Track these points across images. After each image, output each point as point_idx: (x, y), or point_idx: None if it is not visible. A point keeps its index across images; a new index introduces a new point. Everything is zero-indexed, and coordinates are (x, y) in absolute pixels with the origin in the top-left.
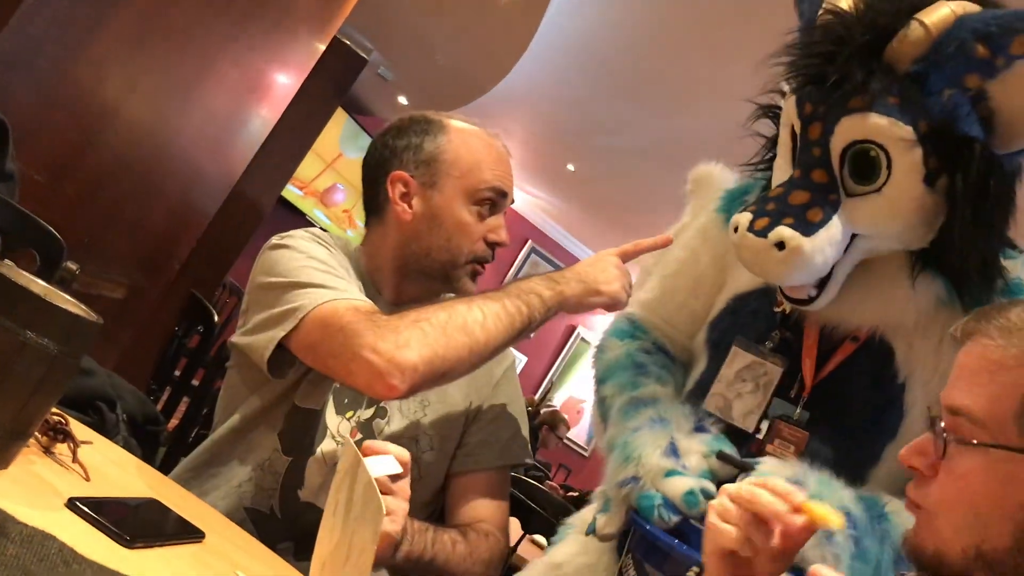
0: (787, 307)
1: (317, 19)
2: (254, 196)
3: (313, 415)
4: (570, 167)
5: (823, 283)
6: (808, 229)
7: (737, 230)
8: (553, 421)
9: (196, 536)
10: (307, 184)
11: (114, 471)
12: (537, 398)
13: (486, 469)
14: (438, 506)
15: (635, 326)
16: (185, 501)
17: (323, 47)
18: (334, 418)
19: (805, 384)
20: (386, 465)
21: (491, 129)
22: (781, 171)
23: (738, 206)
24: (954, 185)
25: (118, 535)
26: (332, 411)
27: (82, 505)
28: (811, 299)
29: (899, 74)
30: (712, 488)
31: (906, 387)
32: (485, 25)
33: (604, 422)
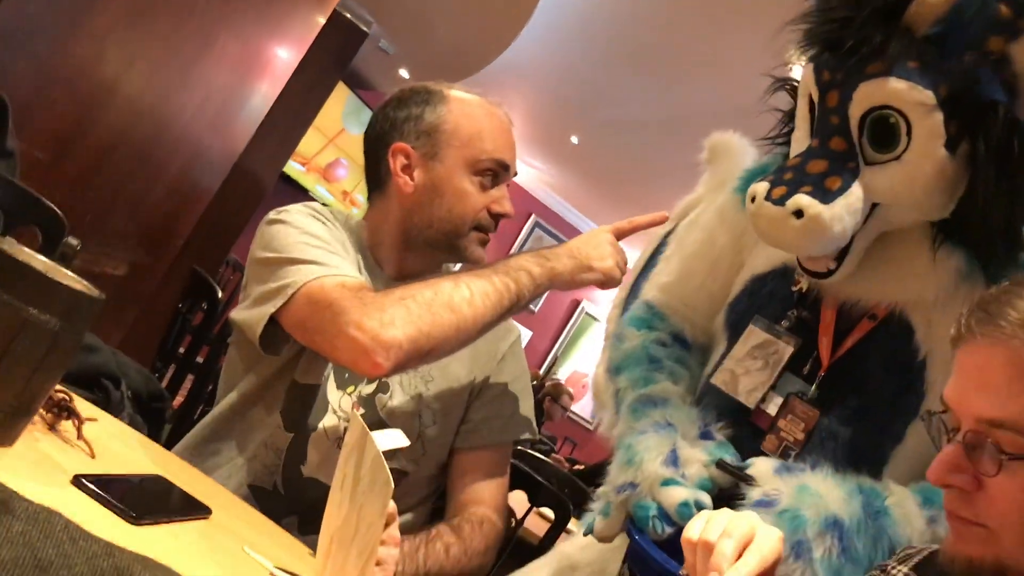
0: (804, 285)
1: None
2: (256, 172)
3: (313, 391)
4: (573, 140)
5: (842, 255)
6: (827, 197)
7: (755, 200)
8: (556, 392)
9: (202, 512)
10: (309, 160)
11: (119, 448)
12: (542, 373)
13: (489, 446)
14: (441, 482)
15: (653, 313)
16: (191, 477)
17: (323, 20)
18: (335, 393)
19: (822, 363)
20: (393, 439)
21: (500, 103)
22: (799, 143)
23: None
24: (976, 150)
25: (124, 512)
26: (333, 386)
27: (88, 482)
28: (830, 272)
29: (918, 37)
30: (707, 500)
31: (926, 365)
32: None
33: (617, 413)
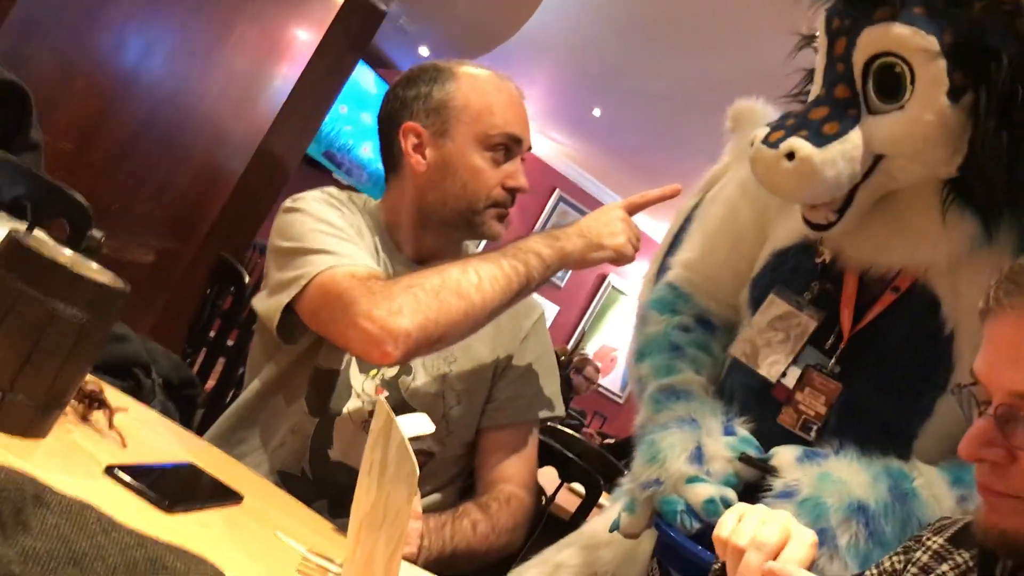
0: (828, 257)
1: None
2: (280, 155)
3: (336, 375)
4: (596, 112)
5: (844, 208)
6: (821, 141)
7: (753, 144)
8: (580, 364)
9: (234, 499)
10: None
11: (150, 436)
12: (570, 347)
13: (515, 424)
14: (469, 461)
15: (676, 294)
16: (222, 464)
17: (341, 1)
18: (358, 377)
19: (843, 335)
20: (419, 424)
21: (511, 76)
22: (817, 90)
23: None
24: (978, 101)
25: (157, 500)
26: (356, 370)
27: (120, 472)
28: (830, 224)
29: None
30: (732, 496)
31: (954, 338)
32: None
33: (640, 400)
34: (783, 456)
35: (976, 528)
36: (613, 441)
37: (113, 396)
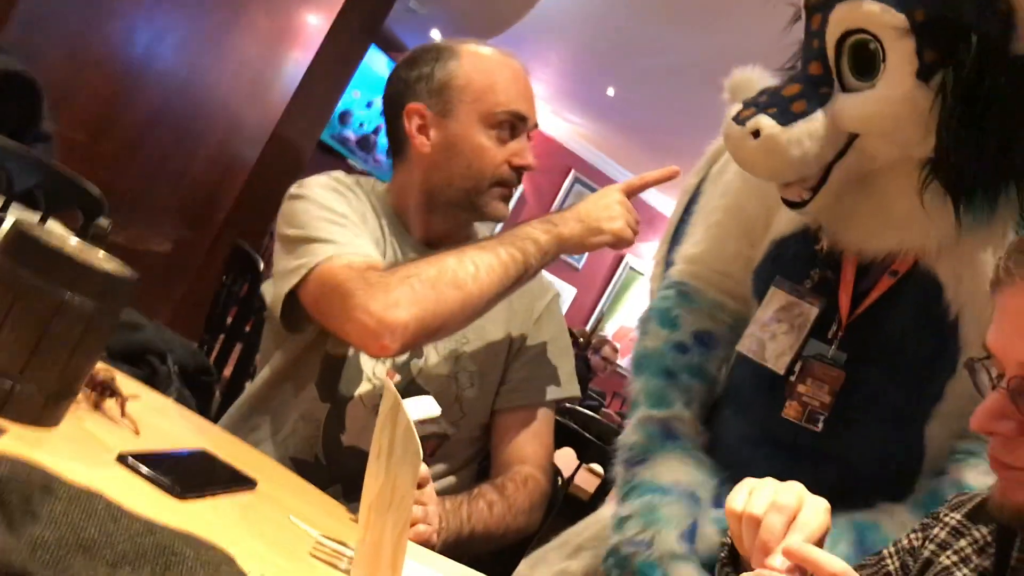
0: (826, 244)
1: None
2: (294, 141)
3: (347, 360)
4: (610, 92)
5: (818, 187)
6: (787, 119)
7: (727, 119)
8: (598, 345)
9: (248, 484)
10: None
11: (163, 424)
12: (588, 329)
13: (530, 405)
14: (485, 443)
15: (682, 297)
16: (236, 450)
17: None
18: (369, 361)
19: (841, 322)
20: (425, 407)
21: (518, 55)
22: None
23: None
24: (945, 82)
25: (169, 487)
26: (366, 354)
27: (133, 459)
28: (804, 202)
29: None
30: None
31: (959, 322)
32: None
33: (631, 416)
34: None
35: (992, 503)
36: None
37: (125, 384)
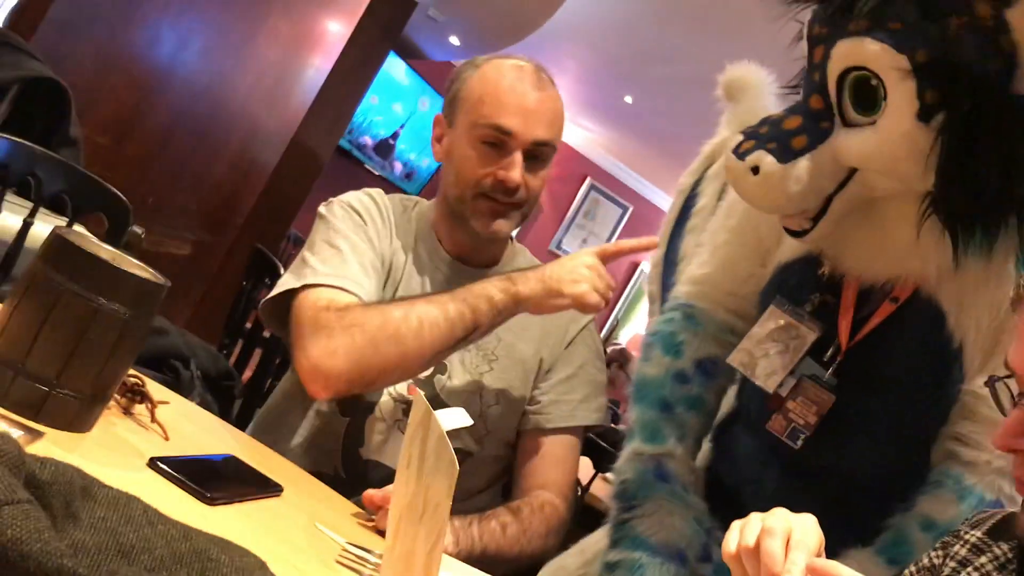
0: (827, 269)
1: None
2: (313, 147)
3: None
4: (627, 99)
5: (819, 217)
6: (786, 156)
7: (727, 150)
8: (622, 359)
9: (274, 490)
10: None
11: (191, 429)
12: (603, 337)
13: (556, 430)
14: (510, 463)
15: (688, 320)
16: (262, 456)
17: None
18: None
19: (840, 347)
20: (457, 418)
21: (543, 64)
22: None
23: None
24: (946, 122)
25: (199, 492)
26: None
27: (163, 464)
28: (805, 231)
29: None
30: None
31: (963, 351)
32: None
33: (628, 443)
34: None
35: (1019, 522)
36: None
37: (154, 389)
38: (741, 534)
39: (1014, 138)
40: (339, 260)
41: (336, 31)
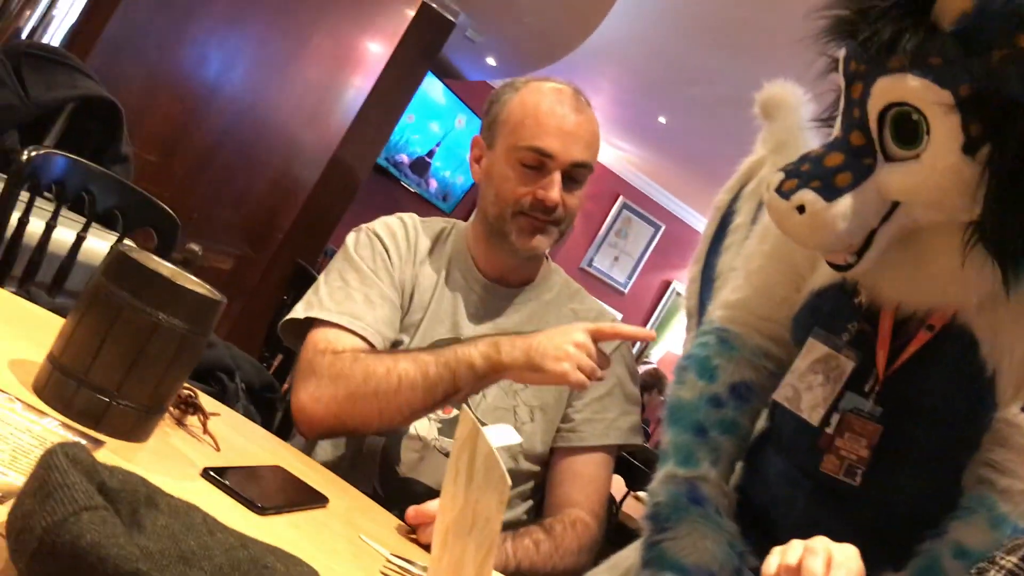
0: (863, 297)
1: None
2: (351, 164)
3: None
4: (661, 120)
5: (863, 250)
6: (832, 194)
7: (768, 189)
8: (657, 383)
9: (320, 501)
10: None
11: (240, 440)
12: (634, 354)
13: (590, 449)
14: (542, 478)
15: (722, 344)
16: (307, 467)
17: (412, 13)
18: None
19: (878, 376)
20: (505, 435)
21: (578, 85)
22: (837, 130)
23: None
24: (993, 155)
25: (250, 503)
26: None
27: (216, 475)
28: (849, 265)
29: (944, 32)
30: None
31: (996, 380)
32: None
33: (661, 465)
34: None
35: None
36: None
37: (204, 401)
38: (783, 555)
39: None
40: (344, 295)
41: (377, 52)
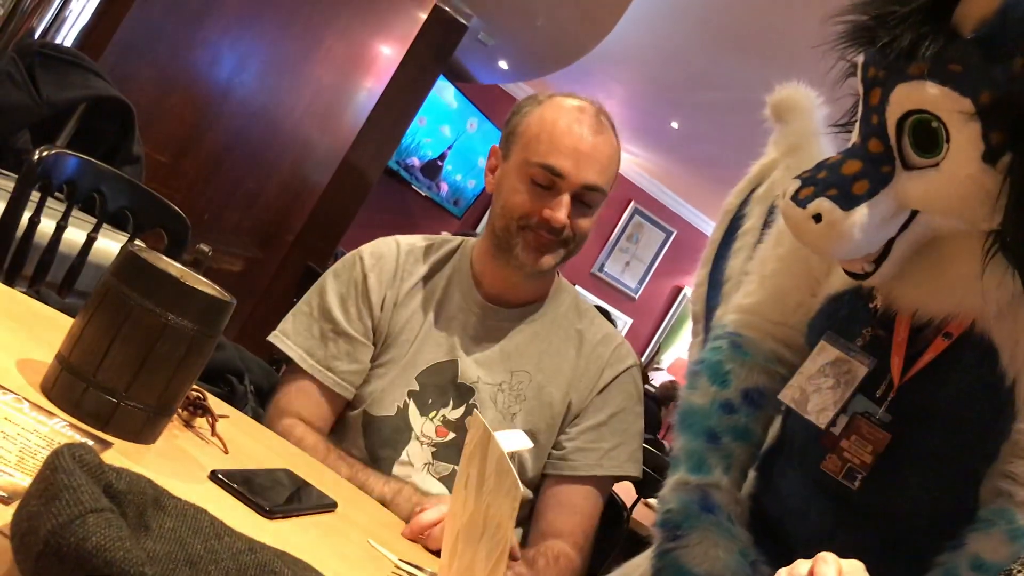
0: (879, 303)
1: None
2: (362, 167)
3: (391, 421)
4: (674, 124)
5: (881, 259)
6: (849, 203)
7: (784, 197)
8: (676, 396)
9: (329, 505)
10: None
11: (249, 443)
12: (644, 360)
13: (579, 479)
14: (532, 505)
15: (735, 350)
16: (316, 471)
17: (424, 16)
18: (418, 419)
19: (892, 383)
20: (517, 440)
21: (591, 94)
22: (854, 137)
23: None
24: (1014, 163)
25: (258, 506)
26: (415, 413)
27: (224, 477)
28: (867, 274)
29: (965, 39)
30: None
31: (1016, 389)
32: None
33: (672, 472)
34: None
35: None
36: None
37: (213, 403)
38: (792, 570)
39: None
40: (304, 325)
41: (388, 54)
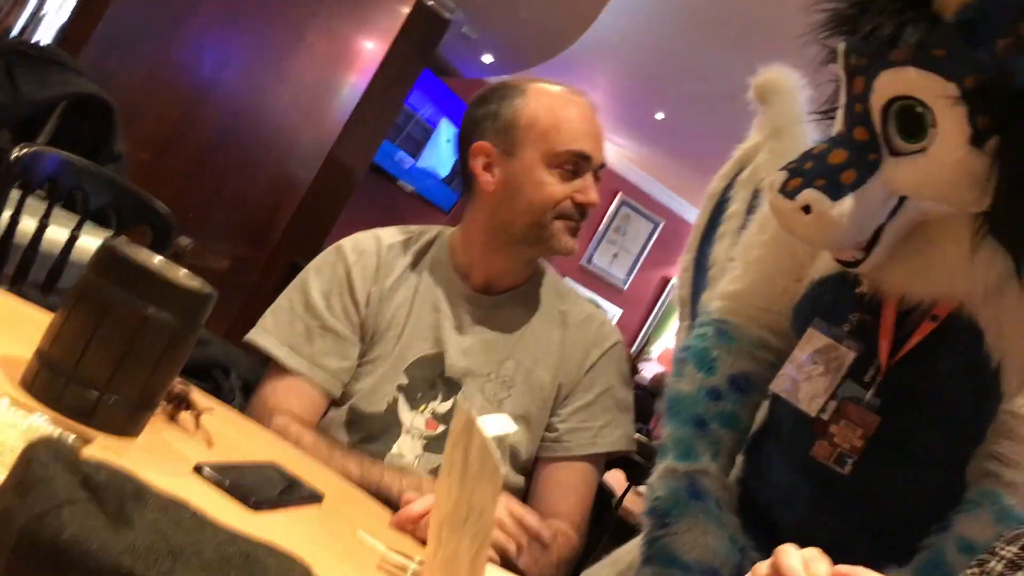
0: (866, 288)
1: None
2: (348, 163)
3: (381, 417)
4: (659, 115)
5: (871, 246)
6: (837, 192)
7: (771, 189)
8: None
9: (315, 498)
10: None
11: (234, 436)
12: (634, 351)
13: (574, 458)
14: (527, 488)
15: (721, 336)
16: (303, 464)
17: (407, 10)
18: (408, 413)
19: (880, 367)
20: (501, 424)
21: (576, 85)
22: (838, 124)
23: None
24: (1002, 146)
25: (244, 499)
26: (405, 407)
27: (208, 470)
28: (857, 261)
29: (947, 24)
30: None
31: (1001, 369)
32: None
33: (660, 460)
34: None
35: None
36: None
37: (199, 397)
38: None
39: None
40: (287, 322)
41: (372, 49)
